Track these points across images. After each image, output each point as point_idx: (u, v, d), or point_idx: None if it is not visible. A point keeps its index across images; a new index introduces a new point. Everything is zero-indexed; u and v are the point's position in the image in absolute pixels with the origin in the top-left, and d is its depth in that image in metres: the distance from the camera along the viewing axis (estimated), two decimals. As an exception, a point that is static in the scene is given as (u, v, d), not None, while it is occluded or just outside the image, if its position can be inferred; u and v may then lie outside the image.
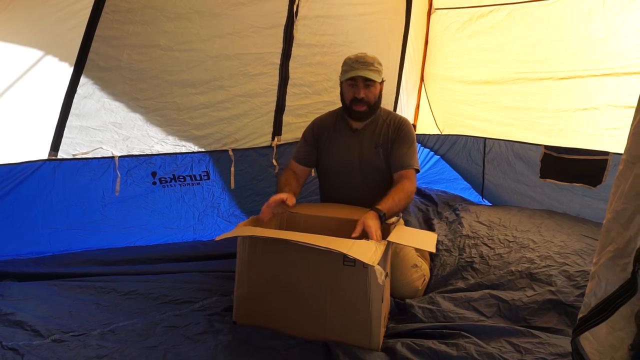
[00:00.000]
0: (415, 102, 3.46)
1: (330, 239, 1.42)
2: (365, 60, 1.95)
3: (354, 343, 1.45)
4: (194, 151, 2.45)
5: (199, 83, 2.33)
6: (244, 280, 1.58)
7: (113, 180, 2.22)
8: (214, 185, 2.55)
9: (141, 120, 2.24)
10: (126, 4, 1.99)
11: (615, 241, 0.91)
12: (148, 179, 2.33)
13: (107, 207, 2.23)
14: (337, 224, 1.81)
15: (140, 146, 2.28)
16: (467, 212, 2.56)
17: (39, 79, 1.93)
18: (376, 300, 1.43)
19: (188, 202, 2.48)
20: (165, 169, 2.37)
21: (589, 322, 0.96)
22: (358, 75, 1.93)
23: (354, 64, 1.95)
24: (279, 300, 1.54)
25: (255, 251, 1.55)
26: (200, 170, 2.49)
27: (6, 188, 1.95)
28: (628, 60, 2.33)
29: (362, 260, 1.29)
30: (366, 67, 1.94)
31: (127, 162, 2.25)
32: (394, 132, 2.05)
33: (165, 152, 2.36)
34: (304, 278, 1.50)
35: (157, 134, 2.31)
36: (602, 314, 0.93)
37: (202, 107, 2.39)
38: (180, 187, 2.44)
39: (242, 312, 1.59)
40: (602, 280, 0.94)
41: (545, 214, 2.52)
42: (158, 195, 2.37)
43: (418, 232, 1.77)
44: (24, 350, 1.34)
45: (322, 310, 1.48)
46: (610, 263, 0.92)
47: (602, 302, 0.93)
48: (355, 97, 1.97)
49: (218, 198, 2.57)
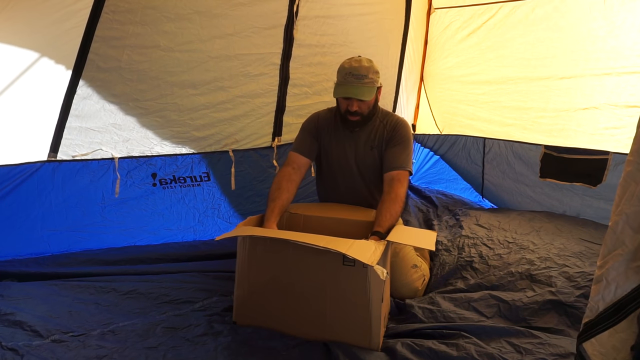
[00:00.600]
0: (415, 102, 3.46)
1: (329, 238, 1.42)
2: (359, 73, 1.88)
3: (354, 343, 1.45)
4: (194, 152, 2.44)
5: (199, 84, 2.32)
6: (244, 281, 1.57)
7: (113, 181, 2.21)
8: (214, 187, 2.54)
9: (141, 122, 2.23)
10: (126, 4, 1.99)
11: (625, 244, 0.90)
12: (148, 180, 2.32)
13: (107, 209, 2.22)
14: (336, 224, 1.81)
15: (140, 147, 2.27)
16: (467, 217, 2.57)
17: (38, 79, 1.92)
18: (376, 300, 1.43)
19: (188, 204, 2.48)
20: (165, 170, 2.36)
21: (598, 326, 0.94)
22: (349, 96, 1.90)
23: (348, 77, 1.90)
24: (279, 301, 1.54)
25: (255, 251, 1.55)
26: (201, 172, 2.48)
27: (6, 189, 1.95)
28: (628, 60, 2.33)
29: (361, 260, 1.29)
30: (360, 81, 1.88)
31: (127, 163, 2.25)
32: (389, 132, 2.03)
33: (166, 153, 2.35)
34: (304, 278, 1.50)
35: (157, 135, 2.30)
36: (613, 318, 0.91)
37: (203, 108, 2.38)
38: (180, 189, 2.43)
39: (242, 312, 1.59)
40: (612, 283, 0.92)
41: (545, 217, 2.53)
42: (158, 196, 2.37)
43: (417, 231, 1.77)
44: (24, 351, 1.34)
45: (322, 311, 1.48)
46: (620, 266, 0.90)
47: (613, 306, 0.91)
48: (349, 109, 1.95)
49: (218, 199, 2.57)
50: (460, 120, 3.21)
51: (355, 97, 1.89)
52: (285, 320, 1.53)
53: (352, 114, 1.95)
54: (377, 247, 1.41)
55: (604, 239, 0.95)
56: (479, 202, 3.18)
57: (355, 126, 2.02)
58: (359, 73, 1.88)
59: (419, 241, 1.59)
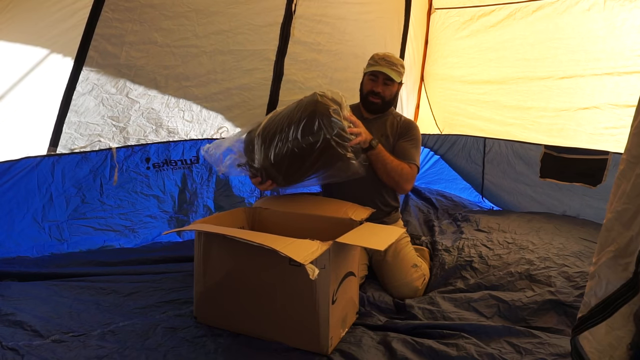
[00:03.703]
0: (415, 102, 3.46)
1: (275, 237, 1.37)
2: (391, 60, 2.07)
3: (303, 346, 1.42)
4: (185, 139, 2.51)
5: (193, 76, 2.39)
6: (200, 278, 1.57)
7: (111, 169, 2.26)
8: (202, 169, 2.61)
9: (137, 113, 2.28)
10: (125, 2, 2.01)
11: (616, 241, 0.91)
12: (142, 164, 2.39)
13: (105, 194, 2.27)
14: (306, 220, 1.80)
15: (136, 137, 2.34)
16: (467, 222, 2.58)
17: (38, 77, 1.94)
18: (323, 302, 1.39)
19: (180, 184, 2.54)
20: (158, 155, 2.44)
21: (589, 321, 0.96)
22: (380, 71, 2.04)
23: (380, 60, 2.07)
24: (234, 300, 1.52)
25: (210, 249, 1.54)
26: (191, 156, 2.56)
27: (6, 185, 1.96)
28: (628, 60, 2.33)
29: (294, 258, 1.23)
30: (390, 66, 2.05)
31: (123, 151, 2.30)
32: (402, 128, 2.13)
33: (159, 140, 2.42)
34: (255, 278, 1.48)
35: (152, 125, 2.36)
36: (603, 314, 0.93)
37: (196, 99, 2.46)
38: (172, 171, 2.50)
39: (201, 309, 1.59)
40: (603, 279, 0.93)
41: (544, 218, 2.53)
42: (152, 179, 2.43)
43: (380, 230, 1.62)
44: (24, 351, 1.34)
45: (273, 312, 1.46)
46: (611, 262, 0.92)
47: (603, 302, 0.92)
48: (373, 90, 2.07)
49: (206, 180, 2.63)
50: (461, 119, 3.21)
51: (385, 72, 2.03)
52: (241, 321, 1.51)
53: (374, 95, 2.07)
54: (320, 247, 1.34)
55: (599, 236, 0.97)
56: (479, 202, 3.18)
57: (374, 109, 2.12)
58: (391, 60, 2.07)
59: (370, 242, 1.47)
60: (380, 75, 2.06)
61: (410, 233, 2.46)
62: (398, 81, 2.08)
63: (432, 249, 2.30)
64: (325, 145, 1.65)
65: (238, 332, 1.52)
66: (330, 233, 1.58)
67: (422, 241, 2.42)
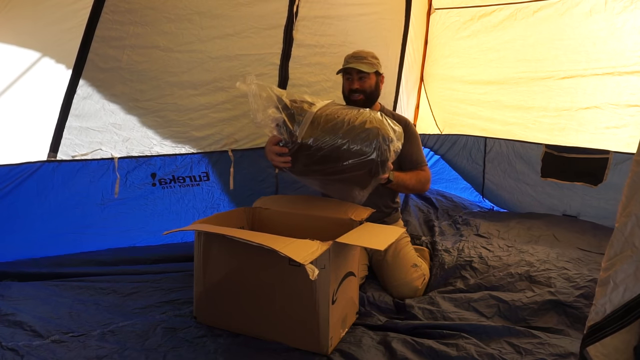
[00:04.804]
0: (415, 102, 3.46)
1: (275, 237, 1.37)
2: (359, 55, 2.12)
3: (303, 346, 1.42)
4: (193, 152, 2.44)
5: (199, 84, 2.33)
6: (200, 278, 1.57)
7: (112, 181, 2.20)
8: (213, 187, 2.54)
9: (141, 122, 2.23)
10: (126, 4, 1.98)
11: (636, 245, 0.88)
12: (147, 180, 2.32)
13: (107, 209, 2.22)
14: (306, 220, 1.80)
15: (140, 147, 2.27)
16: (467, 226, 2.59)
17: (38, 79, 1.92)
18: (323, 302, 1.39)
19: (188, 204, 2.47)
20: (164, 170, 2.36)
21: (606, 329, 0.93)
22: (351, 67, 2.08)
23: (350, 59, 2.13)
24: (234, 300, 1.52)
25: (210, 249, 1.54)
26: (200, 171, 2.48)
27: (5, 189, 1.94)
28: (629, 60, 2.34)
29: (293, 258, 1.23)
30: (358, 61, 2.09)
31: (127, 163, 2.24)
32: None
33: (165, 153, 2.35)
34: (254, 278, 1.48)
35: (157, 135, 2.31)
36: (621, 321, 0.90)
37: (203, 109, 2.39)
38: (179, 188, 2.43)
39: (201, 309, 1.59)
40: (620, 285, 0.90)
41: (544, 225, 2.52)
42: (158, 196, 2.37)
43: (380, 230, 1.62)
44: (24, 351, 1.34)
45: (272, 312, 1.46)
46: (630, 268, 0.89)
47: (621, 308, 0.89)
48: (351, 88, 2.10)
49: (217, 199, 2.57)
50: (462, 119, 3.20)
51: (355, 67, 2.06)
52: (241, 321, 1.51)
53: (354, 92, 2.09)
54: (319, 247, 1.35)
55: (610, 240, 0.93)
56: (479, 202, 3.18)
57: (360, 105, 2.08)
58: (359, 55, 2.13)
59: (371, 242, 1.48)
60: (353, 71, 2.08)
61: (410, 233, 2.46)
62: (371, 71, 2.08)
63: (432, 249, 2.30)
64: (364, 163, 1.64)
65: (238, 332, 1.52)
66: (330, 233, 1.58)
67: (422, 241, 2.42)
